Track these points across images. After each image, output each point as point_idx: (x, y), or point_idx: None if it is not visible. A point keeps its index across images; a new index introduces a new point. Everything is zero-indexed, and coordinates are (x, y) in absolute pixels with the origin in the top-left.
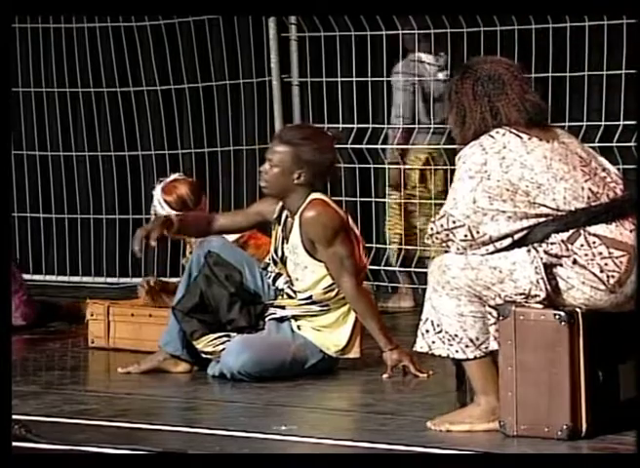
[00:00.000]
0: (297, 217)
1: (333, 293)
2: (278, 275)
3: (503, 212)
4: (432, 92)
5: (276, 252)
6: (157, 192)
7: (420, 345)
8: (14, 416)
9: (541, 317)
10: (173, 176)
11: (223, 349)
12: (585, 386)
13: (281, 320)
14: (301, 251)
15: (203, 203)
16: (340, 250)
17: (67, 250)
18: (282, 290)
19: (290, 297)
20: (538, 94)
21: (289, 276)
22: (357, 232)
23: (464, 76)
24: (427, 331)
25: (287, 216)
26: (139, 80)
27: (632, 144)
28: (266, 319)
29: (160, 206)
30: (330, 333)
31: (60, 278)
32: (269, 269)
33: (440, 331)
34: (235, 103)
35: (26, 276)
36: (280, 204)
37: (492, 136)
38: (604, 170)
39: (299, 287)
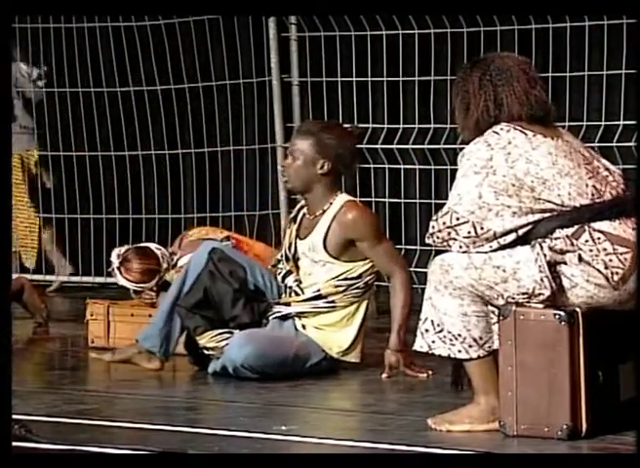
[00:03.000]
0: (325, 219)
1: (341, 289)
2: (288, 273)
3: (509, 207)
4: (33, 98)
5: (289, 249)
6: (118, 276)
7: (420, 344)
8: (14, 416)
9: (541, 317)
10: (123, 251)
11: (226, 345)
12: (585, 386)
13: (284, 318)
14: (321, 250)
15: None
16: (388, 244)
17: (67, 250)
18: (290, 287)
19: (297, 295)
20: (545, 92)
21: (298, 275)
22: None
23: (474, 66)
24: (427, 331)
25: (303, 216)
26: (139, 80)
27: (632, 144)
28: (270, 317)
29: (128, 285)
30: (333, 333)
31: (61, 278)
32: (280, 266)
33: (441, 331)
34: (235, 103)
35: (26, 276)
36: (297, 206)
37: (496, 133)
38: (606, 169)
39: (308, 282)
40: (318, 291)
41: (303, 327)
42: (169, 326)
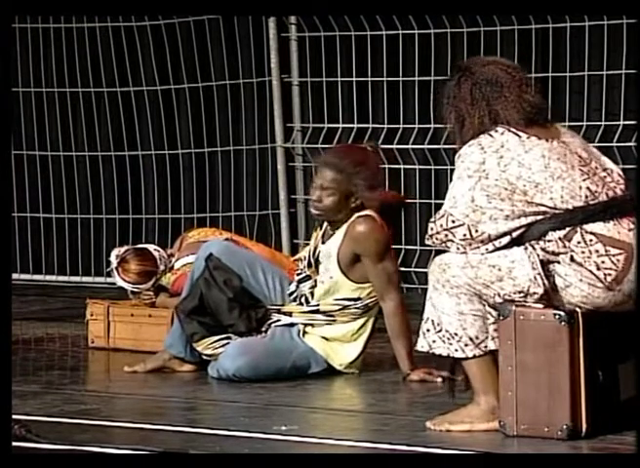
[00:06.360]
0: (342, 230)
1: (338, 307)
2: (307, 277)
3: (501, 210)
4: None
5: (314, 253)
6: (116, 277)
7: (422, 344)
8: (14, 416)
9: (541, 317)
10: (122, 252)
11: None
12: (585, 386)
13: (290, 324)
14: (334, 261)
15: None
16: (389, 265)
17: (67, 250)
18: (303, 293)
19: (307, 302)
20: (538, 93)
21: (315, 282)
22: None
23: (462, 80)
24: (428, 331)
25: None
26: (139, 80)
27: (632, 144)
28: (272, 325)
29: (125, 285)
30: (338, 346)
31: (60, 278)
32: (301, 266)
33: (440, 330)
34: (235, 103)
35: (26, 276)
36: None
37: (490, 135)
38: (605, 170)
39: (318, 291)
40: (317, 305)
41: (305, 334)
42: None
